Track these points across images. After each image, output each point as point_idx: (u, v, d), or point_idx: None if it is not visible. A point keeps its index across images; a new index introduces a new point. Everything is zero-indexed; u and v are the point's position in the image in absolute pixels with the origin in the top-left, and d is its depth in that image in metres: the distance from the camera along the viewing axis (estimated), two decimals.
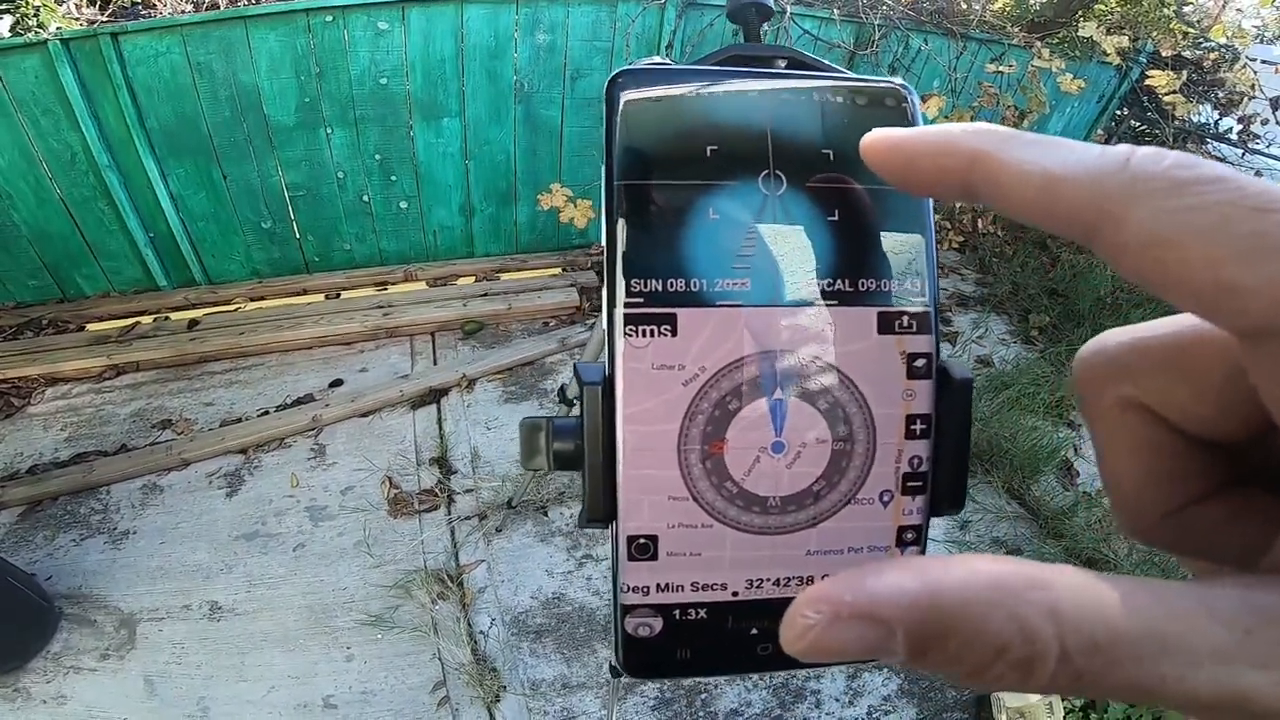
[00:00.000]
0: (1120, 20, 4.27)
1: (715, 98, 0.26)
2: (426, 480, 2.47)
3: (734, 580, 0.26)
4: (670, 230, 0.26)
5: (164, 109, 2.86)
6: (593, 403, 0.25)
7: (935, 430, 0.26)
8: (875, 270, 0.26)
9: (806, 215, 0.26)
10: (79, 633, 1.98)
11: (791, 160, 0.26)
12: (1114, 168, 0.15)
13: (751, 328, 0.25)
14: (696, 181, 0.26)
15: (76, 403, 2.77)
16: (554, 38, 3.15)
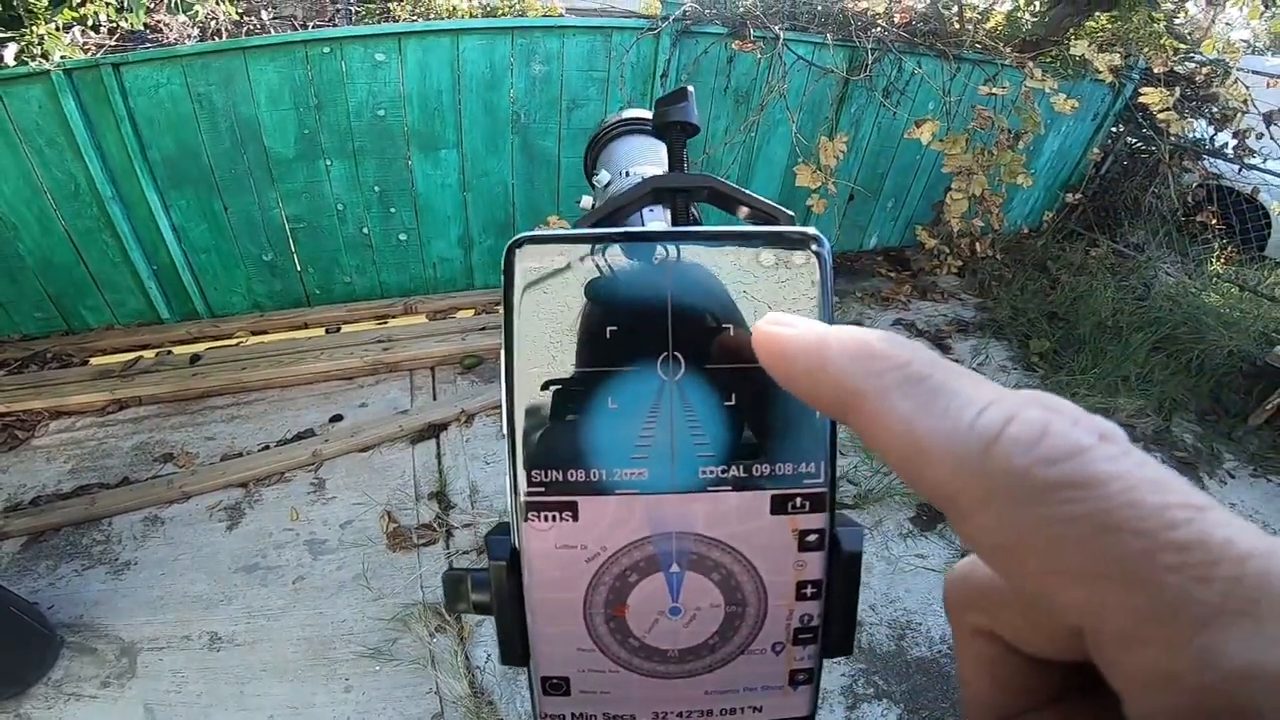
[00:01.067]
0: (1111, 37, 4.28)
1: (615, 274, 0.26)
2: (425, 515, 2.47)
3: (641, 714, 0.28)
4: (569, 421, 0.26)
5: (165, 140, 2.90)
6: (498, 576, 0.27)
7: (826, 591, 0.27)
8: (771, 455, 0.26)
9: (704, 401, 0.26)
10: (80, 661, 1.99)
11: (691, 340, 0.26)
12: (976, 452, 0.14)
13: (649, 513, 0.26)
14: (596, 369, 0.26)
15: (80, 435, 2.79)
16: (550, 68, 3.18)
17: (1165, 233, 4.53)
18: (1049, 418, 0.14)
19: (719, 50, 3.36)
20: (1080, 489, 0.13)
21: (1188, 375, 3.55)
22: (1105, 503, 0.13)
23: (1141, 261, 4.40)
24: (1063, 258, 4.65)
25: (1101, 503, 0.13)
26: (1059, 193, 4.89)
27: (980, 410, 0.15)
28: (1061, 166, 4.79)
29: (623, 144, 0.82)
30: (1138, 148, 4.77)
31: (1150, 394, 3.42)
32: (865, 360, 0.17)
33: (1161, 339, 3.72)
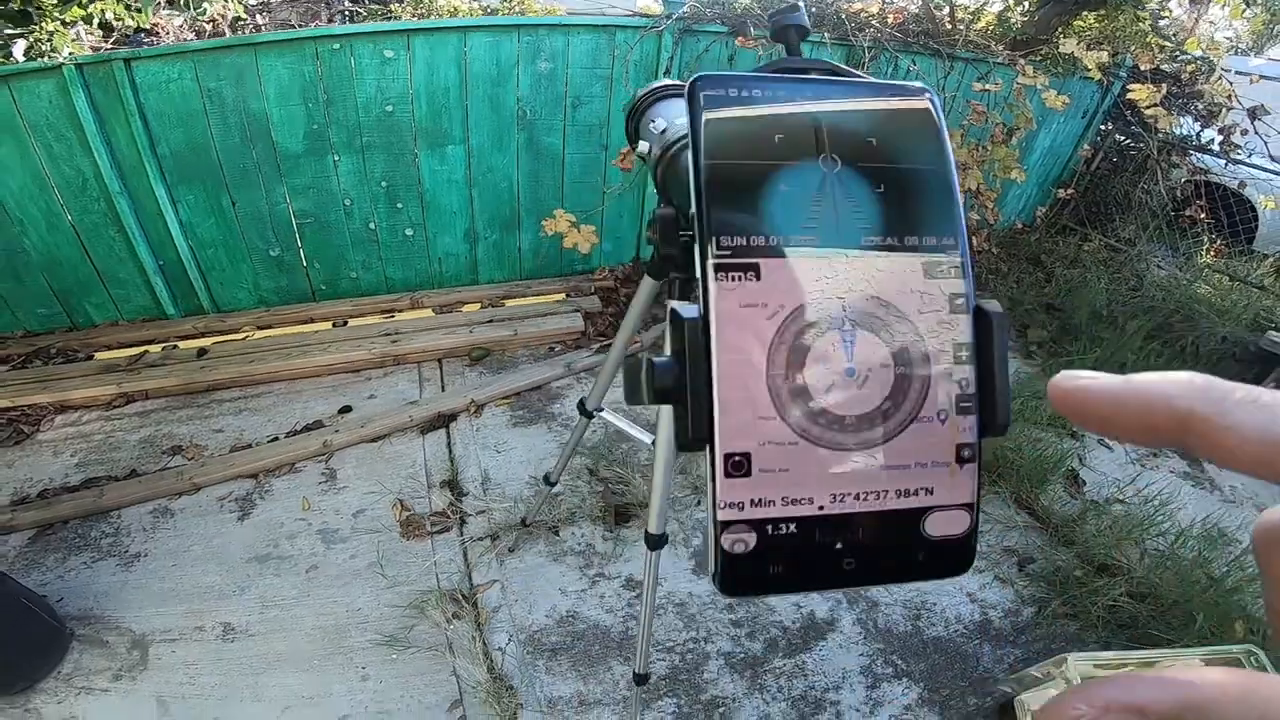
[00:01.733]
0: (1099, 36, 4.36)
1: (779, 96, 0.32)
2: (438, 502, 2.48)
3: (819, 495, 0.30)
4: (749, 198, 0.30)
5: (175, 135, 2.90)
6: (693, 335, 0.29)
7: (977, 358, 0.31)
8: (918, 230, 0.31)
9: (859, 187, 0.31)
10: (90, 654, 1.97)
11: (843, 145, 0.31)
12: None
13: (822, 273, 0.30)
14: (768, 161, 0.31)
15: (86, 429, 2.78)
16: (555, 66, 3.21)
17: (1155, 227, 4.61)
18: None
19: (719, 48, 3.40)
20: None
21: (1183, 361, 3.62)
22: None
23: (1133, 255, 4.47)
24: (1056, 251, 4.72)
25: None
26: (1051, 189, 4.96)
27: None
28: (1053, 163, 4.86)
29: (669, 103, 0.95)
30: (1127, 144, 4.85)
31: None
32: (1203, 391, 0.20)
33: (1156, 327, 3.79)
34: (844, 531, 0.30)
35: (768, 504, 0.30)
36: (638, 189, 3.68)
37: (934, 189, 0.32)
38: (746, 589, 0.30)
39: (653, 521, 1.33)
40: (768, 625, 2.16)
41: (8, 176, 2.81)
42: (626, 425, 1.59)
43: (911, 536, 0.31)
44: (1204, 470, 3.05)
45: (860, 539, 0.30)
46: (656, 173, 0.89)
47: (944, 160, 0.32)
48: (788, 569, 0.30)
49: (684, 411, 0.30)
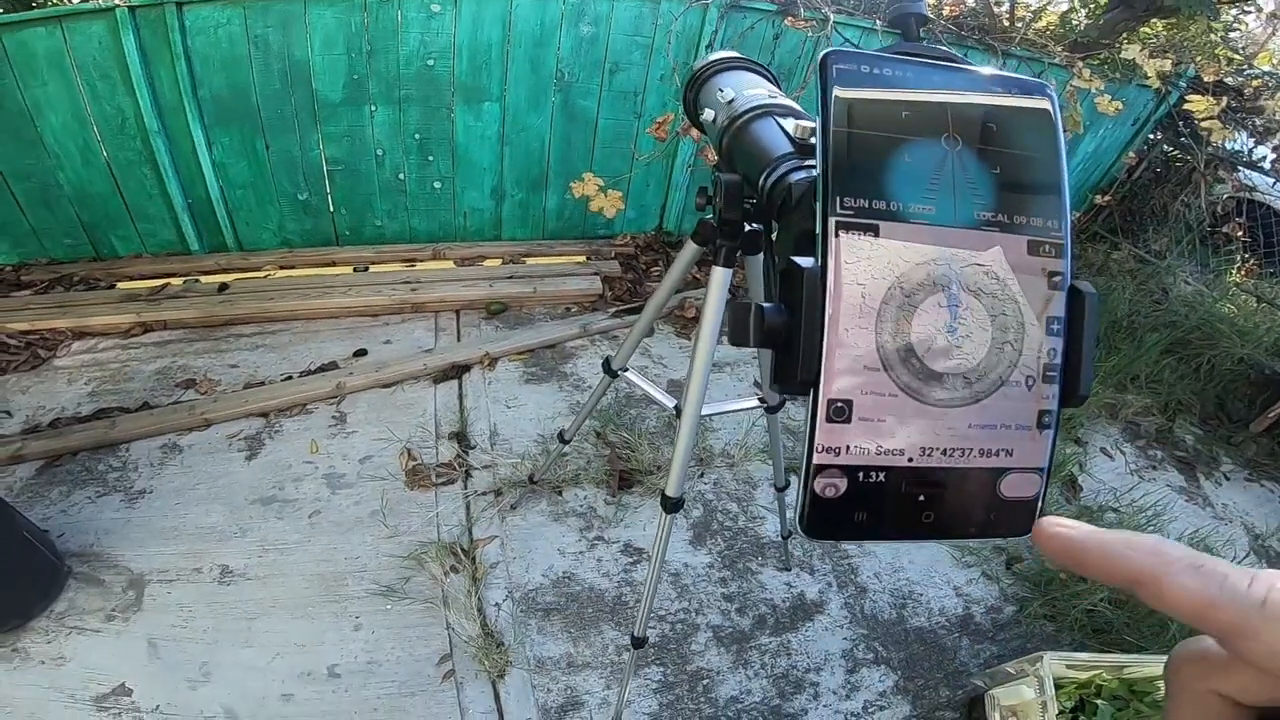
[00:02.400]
0: (1165, 44, 4.25)
1: (907, 76, 0.34)
2: (445, 454, 2.49)
3: (910, 447, 0.32)
4: (874, 166, 0.32)
5: (217, 79, 2.92)
6: (811, 283, 0.31)
7: (1067, 332, 0.33)
8: (1026, 210, 0.33)
9: (977, 167, 0.33)
10: (86, 592, 1.96)
11: (966, 128, 0.33)
12: (1256, 606, 0.22)
13: (935, 240, 0.32)
14: (894, 134, 0.33)
15: (102, 357, 2.80)
16: (597, 30, 3.18)
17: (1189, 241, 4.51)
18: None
19: (765, 27, 3.35)
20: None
21: (1196, 379, 3.58)
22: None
23: (1161, 267, 4.38)
24: (1084, 258, 4.65)
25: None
26: (1088, 194, 4.87)
27: (1249, 583, 0.23)
28: (1094, 169, 4.76)
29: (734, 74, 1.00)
30: (1174, 155, 4.74)
31: (1158, 393, 3.45)
32: (1157, 555, 0.25)
33: (1174, 342, 3.73)
34: (928, 485, 0.33)
35: (862, 451, 0.32)
36: (667, 159, 3.66)
37: (1044, 175, 0.34)
38: (829, 533, 0.33)
39: (672, 484, 1.34)
40: (758, 602, 2.16)
41: (50, 113, 2.85)
42: (650, 388, 1.57)
43: (988, 495, 0.33)
44: (1199, 487, 3.02)
45: (942, 494, 0.33)
46: (721, 141, 0.90)
47: (1056, 151, 0.35)
48: (871, 517, 0.33)
49: (792, 356, 0.32)
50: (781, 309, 0.32)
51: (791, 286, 0.32)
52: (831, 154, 0.32)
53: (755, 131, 0.82)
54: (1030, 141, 0.34)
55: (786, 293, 0.32)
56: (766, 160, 0.73)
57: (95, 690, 1.75)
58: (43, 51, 2.70)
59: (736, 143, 0.86)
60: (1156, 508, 2.64)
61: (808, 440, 0.32)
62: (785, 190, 0.65)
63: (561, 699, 1.85)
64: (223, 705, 1.75)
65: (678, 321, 3.34)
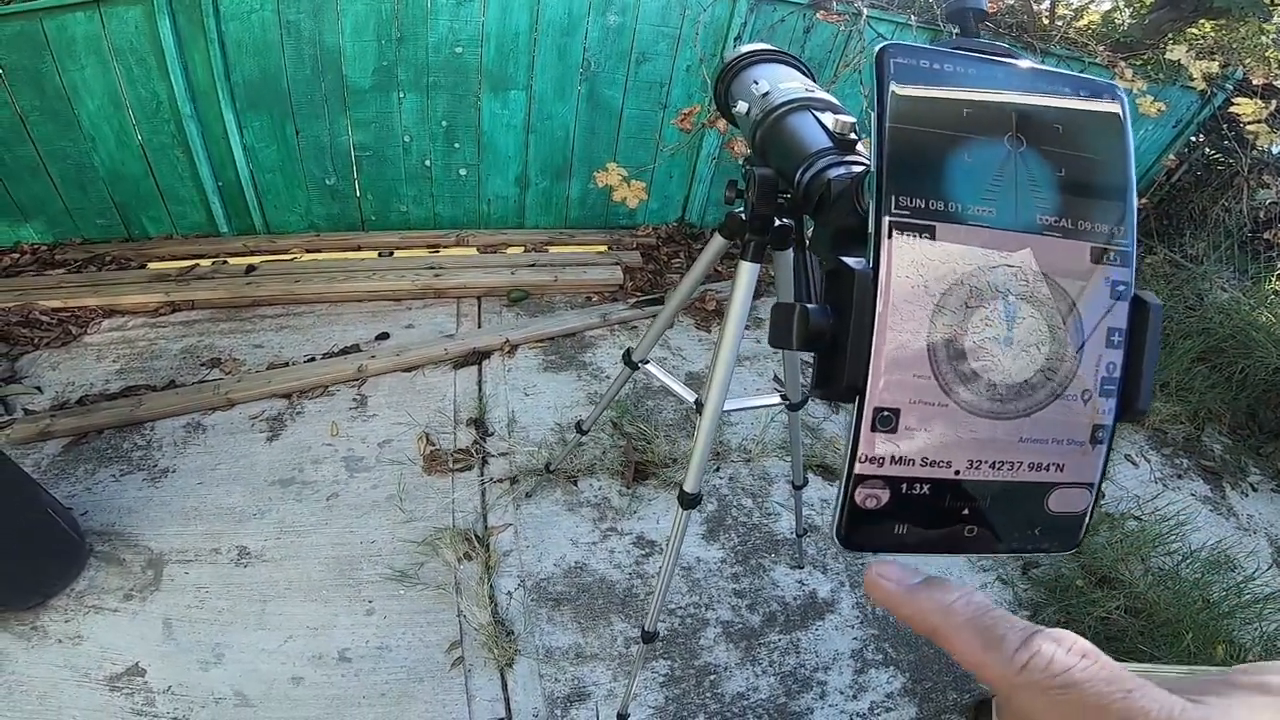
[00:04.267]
0: (1212, 45, 4.15)
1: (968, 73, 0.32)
2: (463, 440, 2.50)
3: (958, 459, 0.31)
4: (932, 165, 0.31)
5: (249, 63, 2.96)
6: (861, 286, 0.30)
7: (1128, 344, 0.32)
8: (1091, 216, 0.32)
9: (1041, 169, 0.32)
10: (105, 571, 1.99)
11: (1030, 128, 0.32)
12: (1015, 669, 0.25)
13: (993, 243, 0.30)
14: (954, 132, 0.31)
15: (131, 335, 2.85)
16: (624, 20, 3.17)
17: (1228, 247, 4.40)
18: (1054, 649, 0.24)
19: (795, 20, 3.31)
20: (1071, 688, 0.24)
21: (1228, 388, 3.48)
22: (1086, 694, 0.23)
23: (1197, 273, 4.28)
24: None
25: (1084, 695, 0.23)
26: None
27: (1016, 647, 0.25)
28: None
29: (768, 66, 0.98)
30: (1215, 159, 4.62)
31: (1188, 401, 3.37)
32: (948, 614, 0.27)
33: (1207, 350, 3.63)
34: (973, 499, 0.31)
35: (907, 463, 0.30)
36: (691, 151, 3.64)
37: (1111, 181, 0.33)
38: (867, 546, 0.32)
39: (690, 480, 1.33)
40: (769, 599, 2.14)
41: (88, 96, 2.90)
42: (670, 381, 1.56)
43: (1035, 510, 0.32)
44: (1225, 497, 2.95)
45: (987, 508, 0.31)
46: (755, 134, 0.88)
47: (1125, 156, 0.33)
48: (912, 530, 0.31)
49: (837, 361, 0.31)
50: (827, 311, 0.31)
51: (840, 288, 0.31)
52: (888, 151, 0.31)
53: (792, 125, 0.81)
54: (1097, 145, 0.32)
55: (834, 294, 0.31)
56: (803, 155, 0.72)
57: (109, 670, 1.77)
58: (81, 35, 2.75)
59: (771, 136, 0.85)
60: (1179, 517, 2.58)
61: (849, 449, 0.31)
62: (824, 186, 0.64)
63: (568, 689, 1.85)
64: (233, 687, 1.77)
65: (698, 314, 3.33)
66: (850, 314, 0.30)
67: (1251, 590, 2.31)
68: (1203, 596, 2.30)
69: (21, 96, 2.84)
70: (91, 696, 1.72)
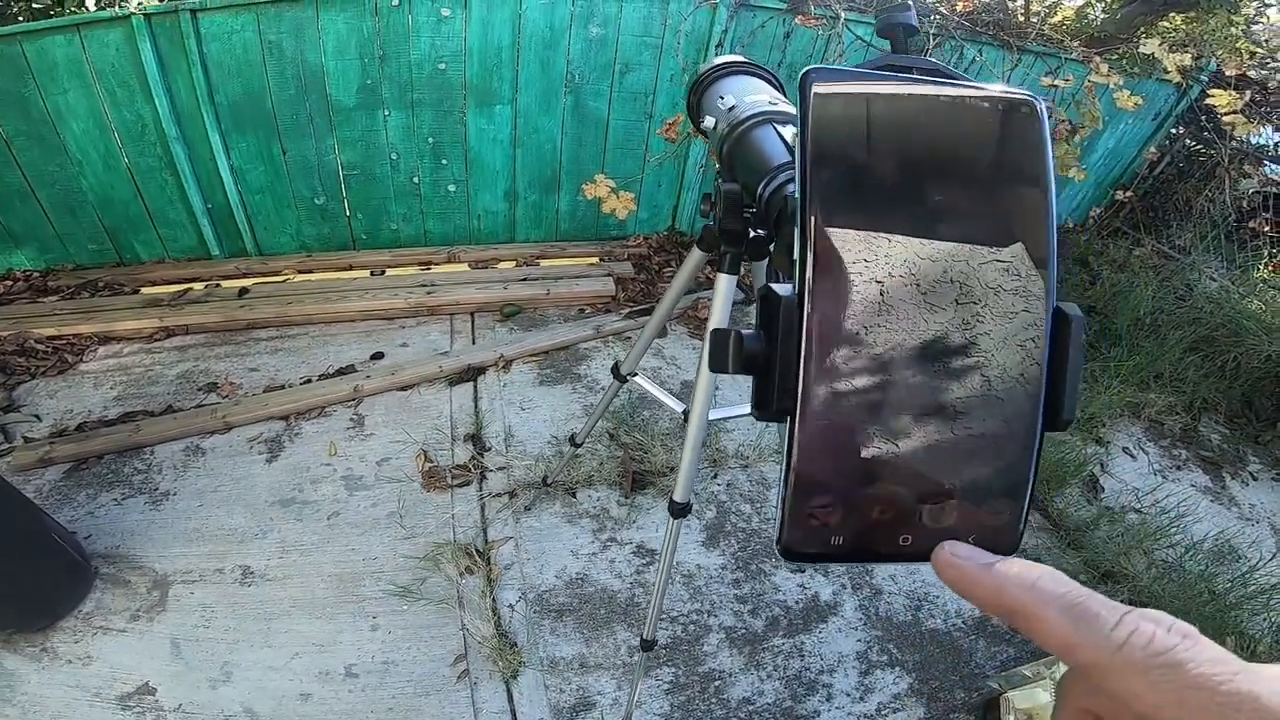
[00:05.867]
0: (1185, 38, 4.20)
1: (888, 97, 0.32)
2: (461, 456, 2.51)
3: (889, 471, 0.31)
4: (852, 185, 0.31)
5: (233, 85, 2.97)
6: (787, 312, 0.31)
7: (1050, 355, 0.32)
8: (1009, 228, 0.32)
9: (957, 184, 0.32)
10: (112, 593, 2.01)
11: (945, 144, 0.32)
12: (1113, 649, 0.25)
13: (916, 259, 0.31)
14: (872, 153, 0.31)
15: (127, 362, 2.86)
16: (606, 31, 3.19)
17: (1214, 237, 4.44)
18: (1153, 629, 0.24)
19: (775, 25, 3.34)
20: (1175, 668, 0.23)
21: (1221, 377, 3.50)
22: (1190, 677, 0.23)
23: (1185, 264, 4.32)
24: (1105, 254, 4.58)
25: (1188, 676, 0.23)
26: (1109, 190, 4.81)
27: (1113, 626, 0.25)
28: (1114, 164, 4.70)
29: (736, 79, 1.00)
30: (1196, 150, 4.67)
31: (1182, 392, 3.39)
32: (1034, 591, 0.27)
33: (1199, 339, 3.65)
34: (906, 508, 0.32)
35: (843, 476, 0.31)
36: (679, 160, 3.66)
37: (1029, 191, 0.32)
38: (807, 557, 0.32)
39: (679, 490, 1.34)
40: (771, 604, 2.16)
41: (72, 120, 2.91)
42: (659, 392, 1.58)
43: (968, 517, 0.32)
44: (1225, 487, 2.96)
45: (920, 517, 0.32)
46: (722, 149, 0.89)
47: (1043, 165, 0.32)
48: (849, 541, 0.32)
49: (769, 384, 0.31)
50: (760, 336, 0.32)
51: (769, 313, 0.31)
52: (811, 175, 0.31)
53: (755, 140, 0.81)
54: (1015, 155, 0.32)
55: (764, 319, 0.31)
56: (765, 169, 0.72)
57: (120, 689, 1.78)
58: (62, 59, 2.76)
59: (736, 151, 0.85)
60: (1180, 509, 2.60)
61: (785, 465, 0.31)
62: (782, 201, 0.65)
63: (574, 699, 1.86)
64: (243, 704, 1.78)
65: (691, 322, 3.35)
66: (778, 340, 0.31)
67: (1257, 580, 2.32)
68: (1208, 588, 2.30)
69: (6, 121, 2.85)
70: (104, 716, 1.73)
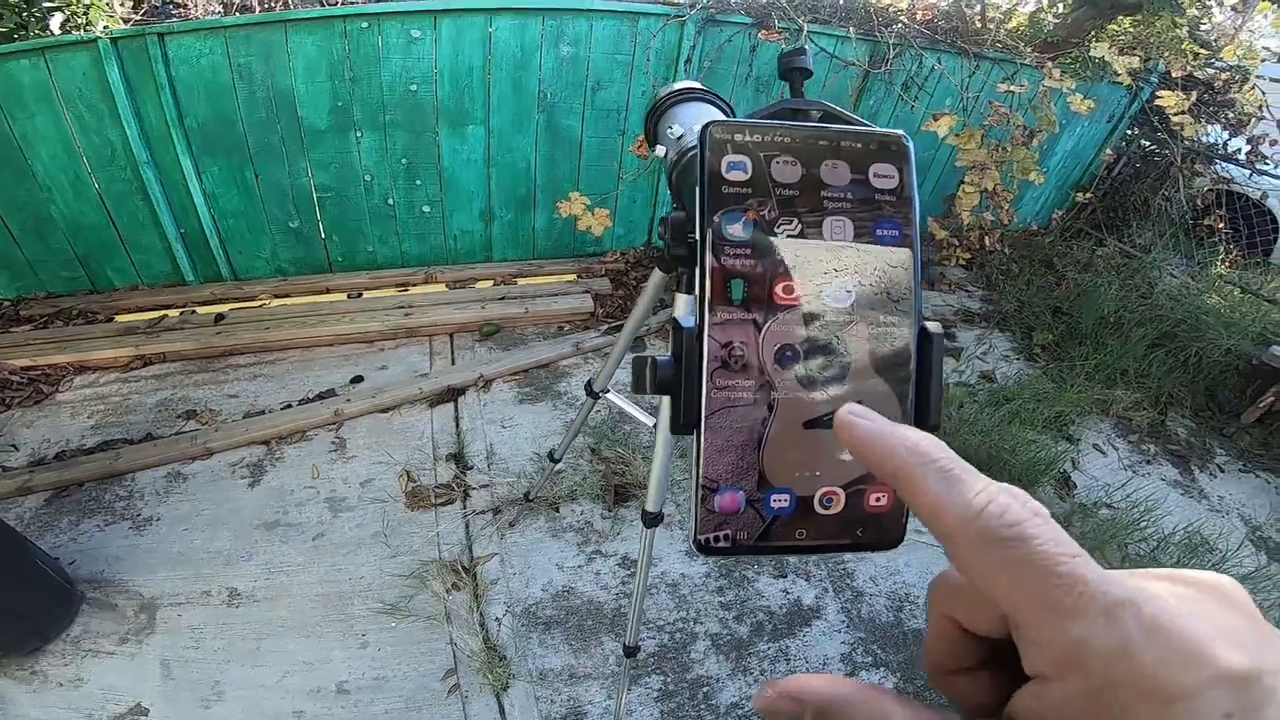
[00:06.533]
0: (1132, 41, 4.32)
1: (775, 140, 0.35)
2: (443, 475, 2.53)
3: (785, 472, 0.35)
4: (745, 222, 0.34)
5: (203, 108, 2.96)
6: (689, 340, 0.34)
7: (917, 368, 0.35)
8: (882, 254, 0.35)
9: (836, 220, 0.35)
10: (99, 617, 2.01)
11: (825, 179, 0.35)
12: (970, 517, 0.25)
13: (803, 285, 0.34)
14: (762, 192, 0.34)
15: (104, 391, 2.84)
16: (577, 50, 3.24)
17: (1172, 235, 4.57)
18: (1009, 501, 0.25)
19: (742, 39, 3.41)
20: (1021, 542, 0.24)
21: (1185, 372, 3.61)
22: (1029, 551, 0.23)
23: (1147, 262, 4.44)
24: (1069, 255, 4.69)
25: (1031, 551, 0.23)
26: (1070, 192, 4.94)
27: (975, 494, 0.25)
28: (1074, 166, 4.83)
29: (688, 107, 1.00)
30: (1151, 150, 4.80)
31: (1148, 388, 3.48)
32: (916, 454, 0.27)
33: (1161, 336, 3.76)
34: (803, 505, 0.35)
35: (742, 477, 0.34)
36: (652, 175, 3.71)
37: (900, 220, 0.35)
38: (719, 552, 0.35)
39: (650, 500, 1.39)
40: (755, 609, 2.20)
41: (40, 145, 2.89)
42: (631, 407, 1.63)
43: (856, 510, 0.35)
44: (1194, 479, 3.05)
45: (815, 511, 0.35)
46: (671, 177, 0.92)
47: (909, 200, 0.35)
48: (753, 536, 0.35)
49: (679, 403, 0.34)
50: (672, 361, 0.35)
51: (676, 340, 0.35)
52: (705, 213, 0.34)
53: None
54: (887, 188, 0.35)
55: (674, 346, 0.35)
56: None
57: (112, 710, 1.79)
58: (28, 83, 2.73)
59: (684, 178, 0.89)
60: (1150, 502, 2.66)
61: (694, 472, 0.35)
62: None
63: (564, 710, 1.89)
64: None
65: (667, 337, 3.38)
66: (683, 367, 0.34)
67: (1228, 571, 2.38)
68: None
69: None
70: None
